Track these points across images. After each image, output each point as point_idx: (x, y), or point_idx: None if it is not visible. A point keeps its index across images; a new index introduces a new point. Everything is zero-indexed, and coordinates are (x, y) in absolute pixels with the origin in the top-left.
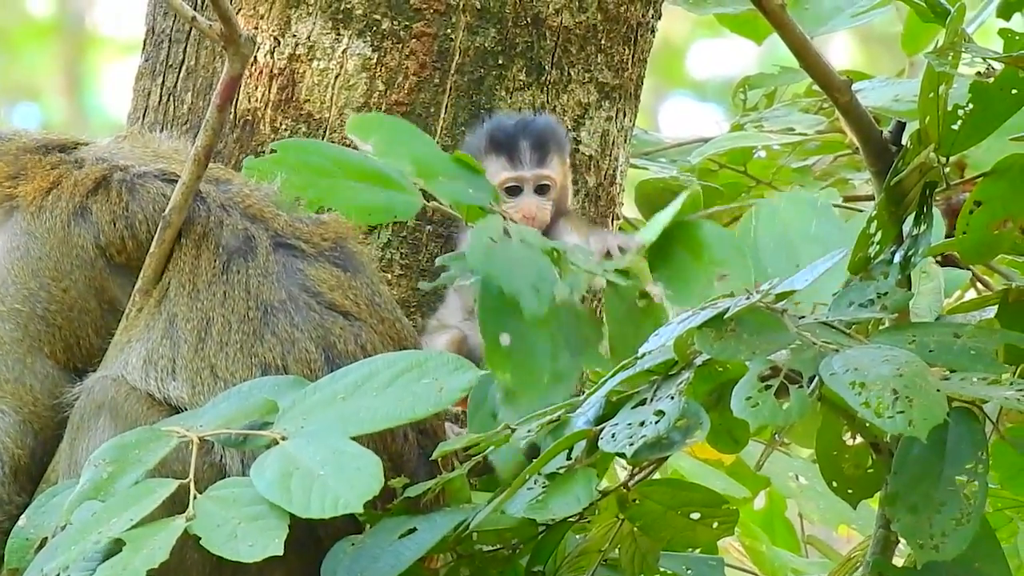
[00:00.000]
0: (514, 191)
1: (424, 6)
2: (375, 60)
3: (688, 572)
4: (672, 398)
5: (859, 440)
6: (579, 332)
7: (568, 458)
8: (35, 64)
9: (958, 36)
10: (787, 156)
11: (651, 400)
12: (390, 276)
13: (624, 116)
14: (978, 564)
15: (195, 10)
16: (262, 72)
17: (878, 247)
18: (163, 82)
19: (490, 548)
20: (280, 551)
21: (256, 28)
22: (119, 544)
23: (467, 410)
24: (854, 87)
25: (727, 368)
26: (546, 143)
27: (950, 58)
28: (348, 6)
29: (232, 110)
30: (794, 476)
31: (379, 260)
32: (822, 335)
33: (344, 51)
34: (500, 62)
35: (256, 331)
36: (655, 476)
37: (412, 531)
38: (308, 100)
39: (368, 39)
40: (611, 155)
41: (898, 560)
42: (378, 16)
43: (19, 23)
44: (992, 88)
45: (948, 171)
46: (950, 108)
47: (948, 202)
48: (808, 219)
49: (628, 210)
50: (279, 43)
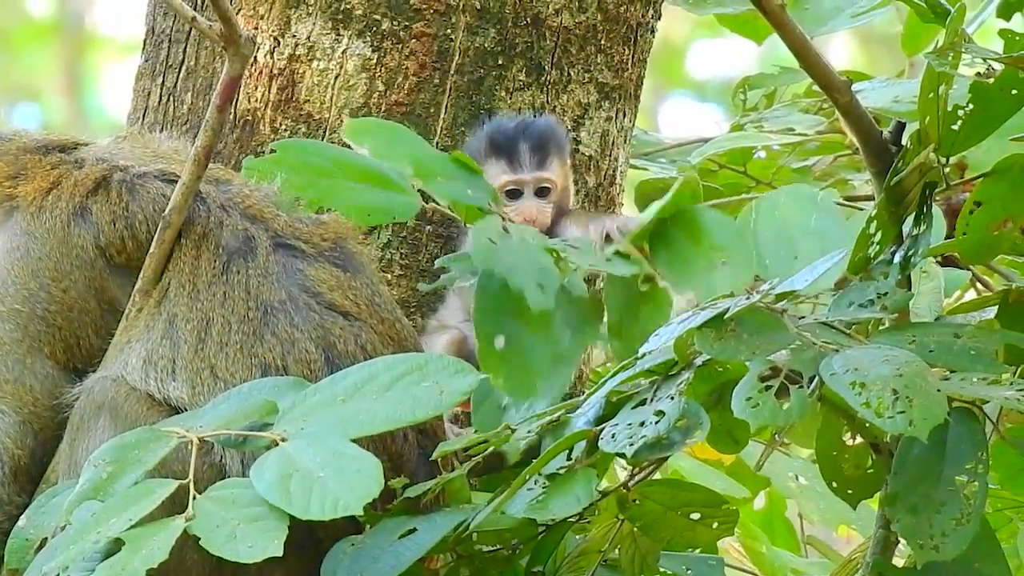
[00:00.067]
0: (514, 194)
1: (424, 6)
2: (375, 60)
3: (688, 572)
4: (672, 398)
5: (859, 440)
6: (578, 312)
7: (568, 458)
8: (35, 64)
9: (958, 36)
10: (787, 156)
11: (651, 400)
12: (390, 276)
13: (624, 116)
14: (978, 564)
15: (195, 10)
16: (262, 72)
17: (878, 247)
18: (163, 82)
19: (490, 548)
20: (279, 552)
21: (256, 28)
22: (118, 544)
23: (471, 410)
24: (854, 87)
25: (727, 368)
26: (546, 145)
27: (950, 58)
28: (348, 6)
29: (232, 110)
30: (794, 476)
31: (379, 260)
32: (822, 335)
33: (344, 51)
34: (500, 62)
35: (256, 331)
36: (655, 476)
37: (412, 531)
38: (308, 100)
39: (368, 39)
40: (611, 155)
41: (898, 560)
42: (378, 16)
43: (19, 23)
44: (992, 88)
45: (948, 171)
46: (950, 108)
47: (948, 202)
48: (808, 213)
49: (628, 210)
50: (279, 43)
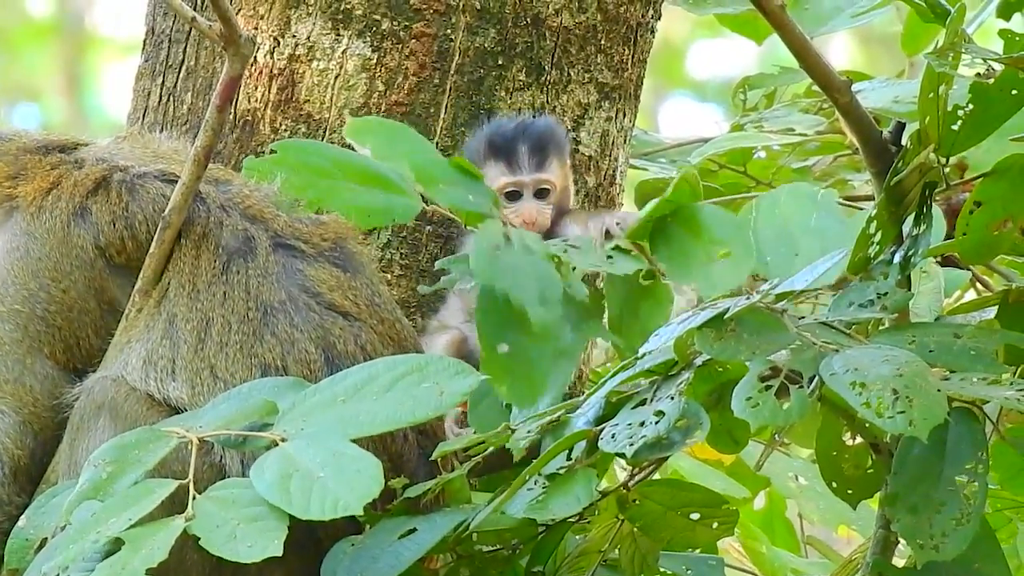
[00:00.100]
0: (514, 196)
1: (424, 6)
2: (375, 60)
3: (688, 572)
4: (672, 398)
5: (859, 440)
6: (580, 309)
7: (568, 458)
8: (35, 64)
9: (958, 36)
10: (787, 156)
11: (651, 400)
12: (390, 276)
13: (624, 116)
14: (978, 564)
15: (195, 10)
16: (262, 72)
17: (878, 247)
18: (163, 82)
19: (490, 548)
20: (279, 552)
21: (256, 28)
22: (118, 544)
23: (467, 410)
24: (854, 88)
25: (727, 368)
26: (545, 147)
27: (950, 59)
28: (348, 6)
29: (232, 110)
30: (794, 476)
31: (379, 260)
32: (822, 335)
33: (344, 51)
34: (500, 62)
35: (256, 331)
36: (655, 476)
37: (412, 531)
38: (308, 100)
39: (368, 39)
40: (611, 155)
41: (898, 560)
42: (378, 16)
43: (19, 23)
44: (992, 89)
45: (948, 171)
46: (950, 109)
47: (948, 202)
48: (809, 211)
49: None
50: (279, 43)
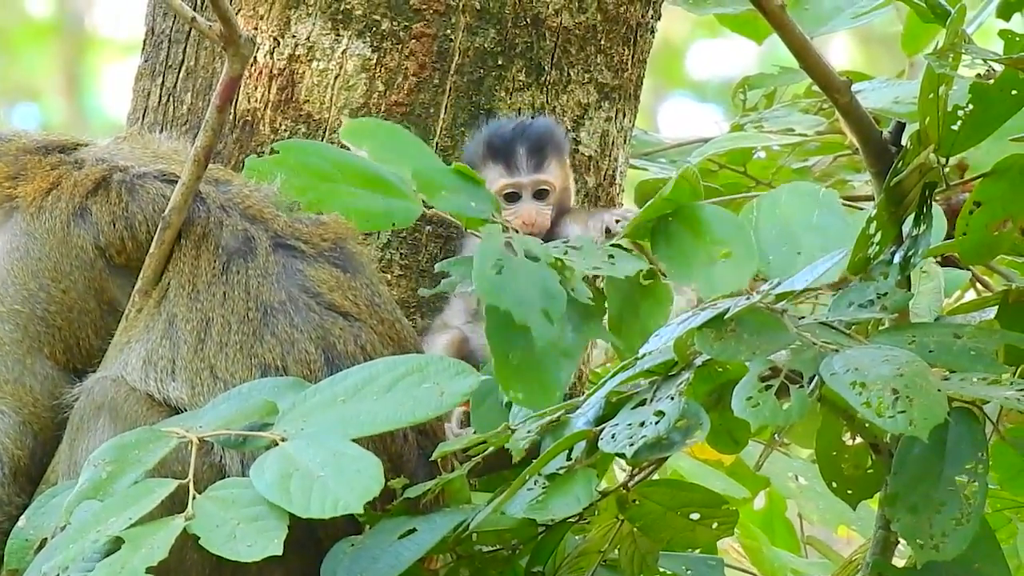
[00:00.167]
0: (513, 197)
1: (424, 7)
2: (375, 61)
3: (688, 572)
4: (672, 398)
5: (859, 440)
6: (581, 309)
7: (568, 458)
8: (35, 64)
9: (958, 37)
10: (787, 157)
11: (651, 401)
12: (389, 276)
13: (624, 116)
14: (978, 564)
15: (195, 10)
16: (262, 72)
17: (878, 247)
18: (163, 83)
19: (490, 549)
20: (279, 551)
21: (256, 29)
22: (118, 543)
23: (470, 410)
24: (854, 88)
25: (727, 368)
26: (543, 148)
27: (950, 59)
28: (348, 7)
29: (232, 111)
30: (794, 476)
31: (378, 261)
32: (822, 335)
33: (344, 52)
34: (500, 63)
35: (256, 332)
36: (655, 477)
37: (412, 532)
38: (308, 101)
39: (368, 40)
40: (611, 156)
41: (898, 560)
42: (378, 17)
43: (19, 23)
44: (992, 89)
45: (948, 171)
46: (950, 109)
47: (948, 202)
48: (810, 210)
49: None
50: (279, 44)
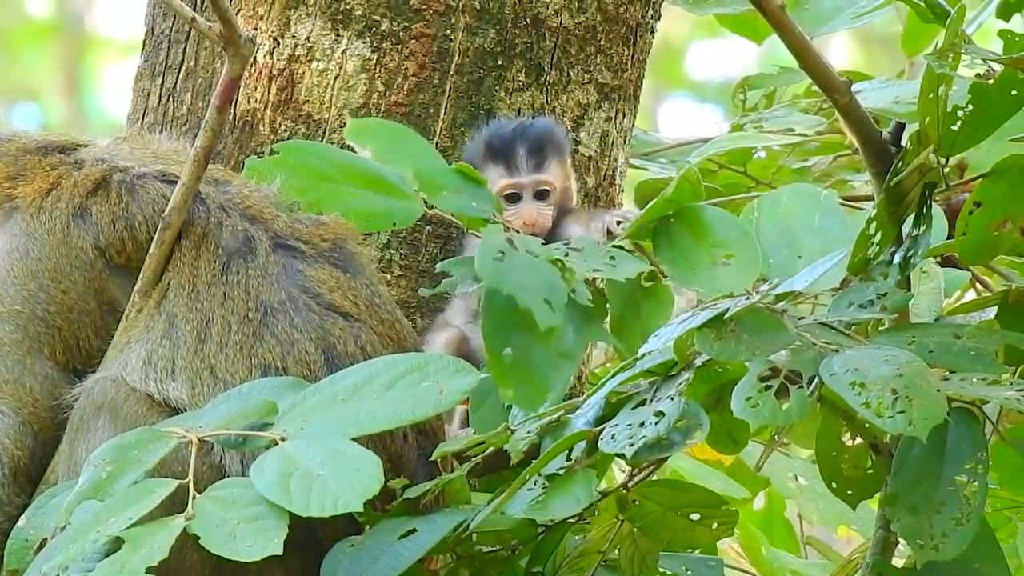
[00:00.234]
0: (513, 198)
1: (423, 7)
2: (374, 61)
3: (687, 573)
4: (672, 399)
5: (859, 441)
6: (582, 310)
7: (568, 459)
8: (35, 64)
9: (958, 37)
10: (787, 157)
11: (651, 401)
12: (389, 277)
13: (623, 117)
14: (978, 564)
15: (195, 10)
16: (261, 73)
17: (878, 248)
18: (163, 83)
19: (490, 549)
20: (279, 551)
21: (255, 29)
22: (118, 543)
23: (469, 410)
24: (854, 88)
25: (727, 369)
26: (543, 148)
27: (950, 59)
28: (347, 7)
29: (231, 111)
30: (794, 477)
31: (378, 261)
32: (822, 335)
33: (343, 52)
34: (499, 63)
35: (256, 332)
36: (654, 477)
37: (412, 532)
38: (307, 101)
39: (367, 40)
40: (610, 156)
41: (898, 560)
42: (377, 17)
43: (19, 23)
44: (992, 89)
45: (948, 172)
46: (950, 109)
47: (948, 202)
48: (811, 211)
49: None
50: (278, 44)
